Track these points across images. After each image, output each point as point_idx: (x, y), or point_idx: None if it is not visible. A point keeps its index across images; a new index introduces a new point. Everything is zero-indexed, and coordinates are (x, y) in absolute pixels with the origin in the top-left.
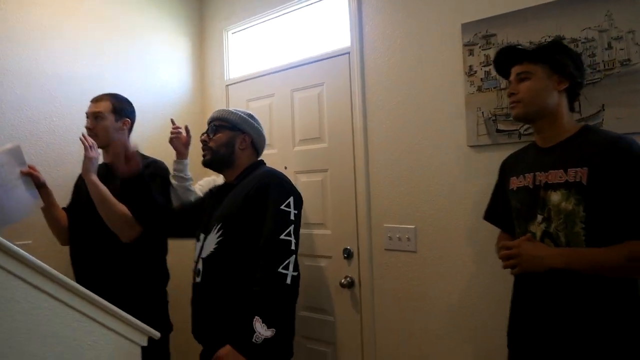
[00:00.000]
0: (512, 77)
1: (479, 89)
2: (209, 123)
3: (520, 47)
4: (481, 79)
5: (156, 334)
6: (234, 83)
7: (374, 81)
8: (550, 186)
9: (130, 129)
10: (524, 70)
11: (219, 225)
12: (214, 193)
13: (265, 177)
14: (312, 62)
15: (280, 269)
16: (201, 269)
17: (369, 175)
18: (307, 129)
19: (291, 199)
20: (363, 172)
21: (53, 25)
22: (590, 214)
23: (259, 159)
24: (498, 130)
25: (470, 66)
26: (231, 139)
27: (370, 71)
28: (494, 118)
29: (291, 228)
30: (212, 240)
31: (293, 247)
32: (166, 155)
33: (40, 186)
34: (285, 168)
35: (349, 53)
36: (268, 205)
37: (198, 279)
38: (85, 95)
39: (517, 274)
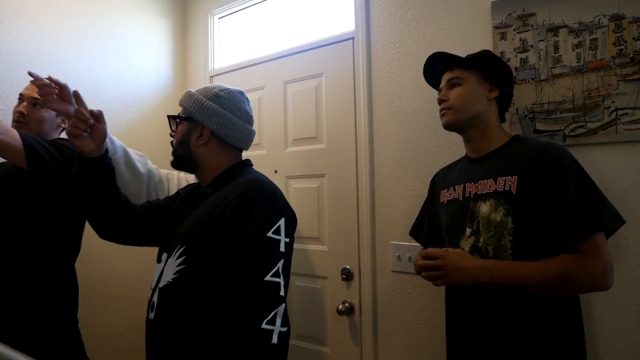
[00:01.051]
0: (442, 83)
1: (513, 81)
2: None
3: (449, 54)
4: (515, 68)
5: None
6: (220, 74)
7: (382, 71)
8: (479, 197)
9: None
10: (455, 76)
11: (181, 248)
12: (183, 198)
13: (249, 187)
14: (309, 50)
15: (264, 325)
16: (156, 303)
17: (373, 182)
18: (302, 127)
19: (282, 222)
20: (367, 179)
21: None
22: (518, 225)
23: (245, 159)
24: (537, 131)
25: (501, 53)
26: (186, 134)
27: (378, 59)
28: (531, 116)
29: (280, 264)
30: (171, 267)
31: (282, 292)
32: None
33: None
34: (275, 172)
35: (353, 38)
36: (250, 230)
37: (151, 315)
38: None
39: (448, 288)
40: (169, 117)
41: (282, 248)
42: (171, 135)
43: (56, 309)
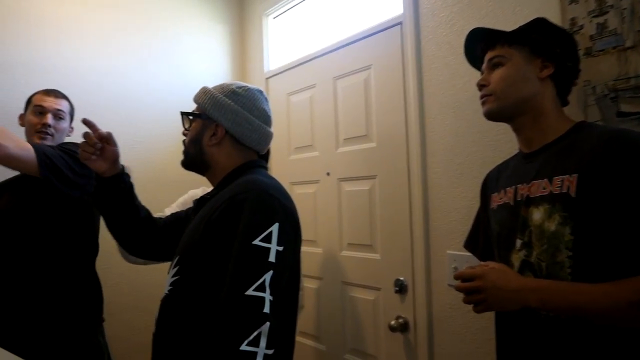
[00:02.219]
0: (484, 65)
1: (588, 53)
2: None
3: (488, 28)
4: (591, 36)
5: None
6: (274, 75)
7: (432, 56)
8: (532, 201)
9: None
10: (496, 54)
11: (176, 259)
12: (193, 209)
13: (242, 189)
14: (357, 41)
15: (244, 346)
16: (156, 316)
17: (426, 183)
18: (352, 125)
19: (274, 228)
20: (419, 179)
21: (67, 15)
22: (579, 237)
23: (254, 159)
24: (620, 114)
25: (572, 19)
26: (200, 132)
27: (427, 44)
28: (613, 95)
29: (267, 277)
30: (168, 279)
31: (267, 309)
32: None
33: None
34: (328, 174)
35: (400, 23)
36: (236, 237)
37: (154, 329)
38: (106, 88)
39: (497, 312)
40: (182, 113)
41: (271, 257)
42: (184, 134)
43: (80, 310)
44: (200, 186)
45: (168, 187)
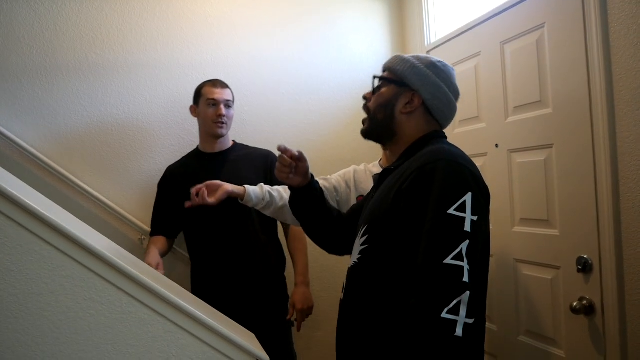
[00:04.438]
0: None
1: None
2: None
3: None
4: None
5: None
6: (435, 47)
7: (621, 2)
8: None
9: None
10: None
11: (364, 228)
12: (376, 182)
13: (430, 159)
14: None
15: (445, 314)
16: (345, 283)
17: (616, 150)
18: (523, 92)
19: (468, 197)
20: (606, 147)
21: (231, 12)
22: None
23: (437, 130)
24: None
25: None
26: (392, 98)
27: None
28: None
29: (464, 246)
30: (356, 248)
31: (466, 278)
32: (359, 145)
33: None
34: (497, 146)
35: None
36: (429, 207)
37: (342, 295)
38: (271, 77)
39: None
40: (376, 77)
41: (467, 227)
42: (366, 99)
43: (277, 269)
44: (361, 163)
45: (334, 167)
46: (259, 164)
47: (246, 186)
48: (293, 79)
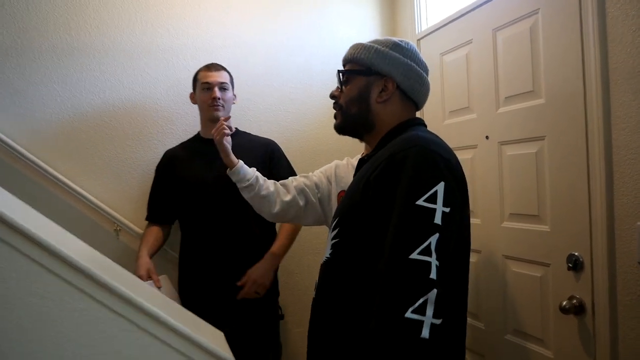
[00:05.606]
0: None
1: None
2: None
3: None
4: None
5: None
6: (426, 35)
7: None
8: None
9: None
10: None
11: (335, 221)
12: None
13: (402, 147)
14: None
15: (409, 313)
16: (317, 282)
17: (610, 143)
18: (515, 81)
19: (439, 187)
20: (600, 139)
21: None
22: None
23: (413, 117)
24: None
25: None
26: (364, 89)
27: None
28: None
29: (433, 240)
30: (329, 242)
31: (434, 275)
32: (346, 137)
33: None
34: (487, 138)
35: None
36: (397, 198)
37: (314, 293)
38: (255, 64)
39: None
40: (341, 72)
41: (437, 219)
42: (334, 97)
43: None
44: (344, 157)
45: (320, 158)
46: (259, 153)
47: (241, 161)
48: (278, 67)
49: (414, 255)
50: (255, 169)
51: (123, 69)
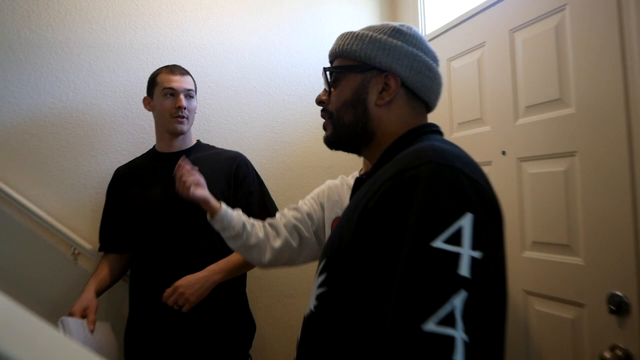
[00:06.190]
0: None
1: None
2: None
3: None
4: None
5: None
6: (432, 39)
7: None
8: None
9: None
10: None
11: (322, 264)
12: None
13: (411, 162)
14: None
15: None
16: (298, 339)
17: None
18: (537, 89)
19: (465, 222)
20: None
21: None
22: None
23: (425, 122)
24: None
25: None
26: (359, 90)
27: None
28: None
29: (457, 303)
30: (313, 292)
31: (459, 355)
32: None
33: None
34: (504, 153)
35: None
36: (405, 236)
37: (295, 354)
38: (240, 66)
39: None
40: (327, 69)
41: (463, 270)
42: (322, 102)
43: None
44: (338, 176)
45: (311, 174)
46: (224, 168)
47: (223, 205)
48: (265, 70)
49: (430, 327)
50: (240, 210)
51: (90, 68)
